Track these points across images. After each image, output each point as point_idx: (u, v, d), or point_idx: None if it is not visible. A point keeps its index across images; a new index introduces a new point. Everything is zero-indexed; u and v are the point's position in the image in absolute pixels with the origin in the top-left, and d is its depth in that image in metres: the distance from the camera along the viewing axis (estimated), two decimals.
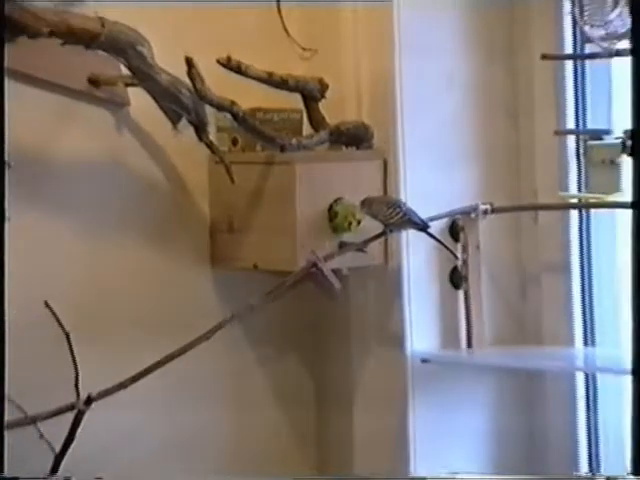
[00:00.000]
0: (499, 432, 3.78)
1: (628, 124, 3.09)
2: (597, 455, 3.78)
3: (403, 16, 3.61)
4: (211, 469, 3.78)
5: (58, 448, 3.26)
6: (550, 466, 3.78)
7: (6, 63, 3.28)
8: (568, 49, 3.60)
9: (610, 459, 3.77)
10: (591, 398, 3.73)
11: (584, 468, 3.75)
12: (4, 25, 1.97)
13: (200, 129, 3.48)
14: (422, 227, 3.47)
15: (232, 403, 3.81)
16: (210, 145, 3.50)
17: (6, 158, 3.03)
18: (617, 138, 3.42)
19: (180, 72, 3.40)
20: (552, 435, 3.78)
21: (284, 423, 3.89)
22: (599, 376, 3.71)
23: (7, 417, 3.05)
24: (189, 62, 3.34)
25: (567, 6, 3.48)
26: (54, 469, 3.27)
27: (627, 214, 3.33)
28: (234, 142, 3.63)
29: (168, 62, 3.42)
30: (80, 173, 3.59)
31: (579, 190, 3.62)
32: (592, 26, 3.36)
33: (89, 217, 3.60)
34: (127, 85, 3.52)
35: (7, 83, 3.18)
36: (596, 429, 3.75)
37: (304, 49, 3.74)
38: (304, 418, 3.92)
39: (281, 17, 3.75)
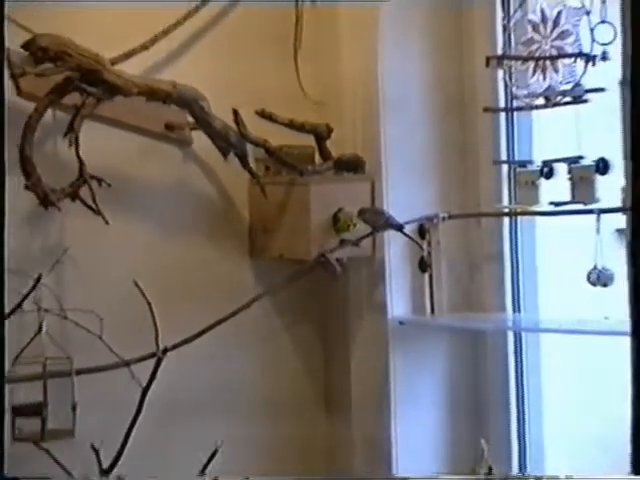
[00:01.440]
0: (452, 375, 3.82)
1: (545, 156, 3.51)
2: (522, 393, 3.77)
3: (387, 91, 3.71)
4: (243, 403, 3.83)
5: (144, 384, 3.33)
6: (489, 402, 3.82)
7: (108, 114, 3.55)
8: (502, 103, 3.68)
9: (531, 395, 3.77)
10: (518, 351, 3.78)
11: (513, 404, 3.79)
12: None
13: (243, 160, 3.62)
14: (399, 228, 3.63)
15: (262, 357, 3.88)
16: (250, 171, 3.65)
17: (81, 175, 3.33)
18: (537, 166, 3.49)
19: (228, 118, 3.54)
20: (490, 378, 3.81)
21: (299, 371, 3.96)
22: (524, 334, 3.77)
23: (99, 362, 3.35)
24: (235, 113, 3.50)
25: (501, 74, 3.55)
26: (142, 399, 3.31)
27: (544, 220, 3.62)
28: (267, 169, 3.76)
29: (220, 111, 3.55)
30: (158, 191, 3.72)
31: (510, 203, 3.67)
32: (518, 87, 3.47)
33: (164, 222, 3.73)
34: (191, 129, 3.66)
35: (108, 128, 3.59)
36: (522, 374, 3.77)
37: (315, 103, 3.81)
38: (315, 366, 3.97)
39: (299, 80, 3.81)
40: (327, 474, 3.93)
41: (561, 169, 3.41)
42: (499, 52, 3.58)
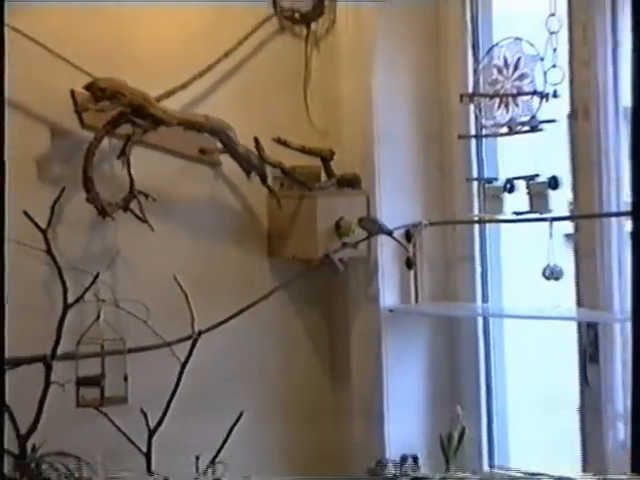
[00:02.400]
0: (432, 352, 3.79)
1: (508, 174, 3.52)
2: (489, 366, 3.75)
3: (379, 123, 3.69)
4: (263, 376, 3.78)
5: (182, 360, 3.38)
6: (462, 374, 3.79)
7: (153, 141, 3.49)
8: (473, 131, 3.65)
9: (497, 367, 3.75)
10: (486, 332, 3.76)
11: (482, 375, 3.76)
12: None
13: (262, 178, 3.62)
14: (389, 233, 3.64)
15: (278, 338, 3.82)
16: (268, 187, 3.65)
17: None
18: (502, 182, 3.50)
19: (250, 144, 3.54)
20: (463, 355, 3.79)
21: (309, 349, 3.91)
22: (491, 319, 3.75)
23: (146, 342, 3.34)
24: (256, 140, 3.53)
25: (472, 108, 3.56)
26: (180, 373, 3.35)
27: (507, 226, 3.61)
28: (281, 185, 3.73)
29: (243, 139, 3.54)
30: (193, 204, 3.68)
31: (479, 212, 3.64)
32: (485, 119, 3.50)
33: (198, 229, 3.67)
34: (220, 152, 3.61)
35: (153, 152, 3.53)
36: (488, 351, 3.76)
37: (321, 132, 3.78)
38: (321, 345, 3.91)
39: (308, 114, 3.79)
40: (333, 431, 3.87)
41: (521, 185, 3.43)
42: (470, 90, 3.58)
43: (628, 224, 3.26)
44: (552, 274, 3.27)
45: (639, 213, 1.60)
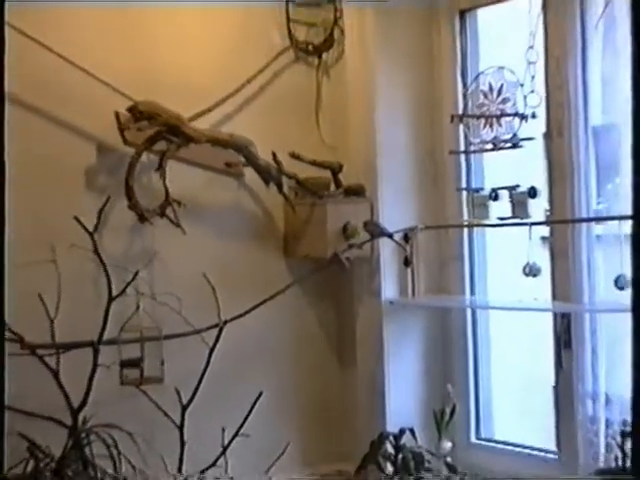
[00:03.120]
0: (427, 338, 3.80)
1: (493, 185, 3.48)
2: (476, 350, 3.76)
3: (380, 140, 3.69)
4: (280, 358, 3.78)
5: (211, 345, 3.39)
6: (453, 357, 3.78)
7: (185, 156, 3.47)
8: (462, 147, 3.63)
9: (482, 352, 3.77)
10: (474, 322, 3.76)
11: (470, 358, 3.76)
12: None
13: (279, 187, 3.62)
14: (389, 236, 3.64)
15: (293, 327, 3.82)
16: (284, 195, 3.66)
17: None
18: (487, 192, 3.49)
19: (269, 158, 3.55)
20: (454, 341, 3.80)
21: (320, 336, 3.90)
22: (478, 310, 3.76)
23: (179, 330, 3.33)
24: (274, 155, 3.55)
25: (461, 127, 3.57)
26: (209, 356, 3.36)
27: (492, 229, 3.59)
28: (296, 194, 3.73)
29: (263, 154, 3.55)
30: (219, 210, 3.68)
31: (468, 217, 3.64)
32: (473, 137, 3.51)
33: (224, 232, 3.67)
34: (244, 165, 3.62)
35: (185, 166, 3.51)
36: (475, 338, 3.77)
37: (330, 147, 3.80)
38: (331, 332, 3.91)
39: (319, 131, 3.81)
40: (341, 407, 3.87)
41: (504, 194, 3.43)
42: (460, 112, 3.59)
43: (597, 228, 3.28)
44: (531, 271, 3.28)
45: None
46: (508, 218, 3.42)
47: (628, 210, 2.73)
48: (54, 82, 3.30)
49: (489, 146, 3.46)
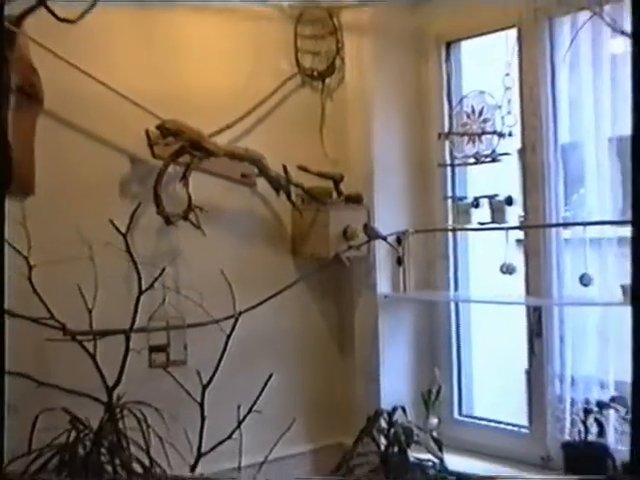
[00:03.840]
0: (417, 329, 3.82)
1: (475, 194, 3.49)
2: (459, 339, 3.78)
3: (376, 155, 3.70)
4: (288, 347, 3.77)
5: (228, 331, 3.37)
6: (439, 345, 3.78)
7: (206, 167, 3.42)
8: (448, 161, 3.65)
9: (464, 340, 3.78)
10: (457, 314, 3.79)
11: (454, 346, 3.76)
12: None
13: (288, 196, 3.63)
14: (384, 238, 3.66)
15: (299, 319, 3.81)
16: (292, 202, 3.66)
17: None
18: (470, 200, 3.51)
19: (279, 170, 3.54)
20: (440, 331, 3.80)
21: (323, 327, 3.90)
22: (461, 304, 3.78)
23: (200, 320, 3.30)
24: (284, 167, 3.54)
25: (447, 143, 3.58)
26: (226, 343, 3.34)
27: (474, 233, 3.61)
28: (302, 201, 3.72)
29: (274, 166, 3.55)
30: (235, 215, 3.67)
31: (453, 222, 3.66)
32: (458, 152, 3.51)
33: (239, 234, 3.67)
34: (257, 176, 3.61)
35: (206, 176, 3.47)
36: (458, 329, 3.79)
37: (333, 160, 3.79)
38: (332, 323, 3.91)
39: (323, 146, 3.81)
40: (341, 388, 3.87)
41: (484, 202, 3.46)
42: (446, 130, 3.61)
43: (565, 232, 3.33)
44: (507, 270, 3.30)
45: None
46: (488, 223, 3.44)
47: (592, 217, 2.98)
48: (94, 103, 3.29)
49: (471, 160, 3.47)
